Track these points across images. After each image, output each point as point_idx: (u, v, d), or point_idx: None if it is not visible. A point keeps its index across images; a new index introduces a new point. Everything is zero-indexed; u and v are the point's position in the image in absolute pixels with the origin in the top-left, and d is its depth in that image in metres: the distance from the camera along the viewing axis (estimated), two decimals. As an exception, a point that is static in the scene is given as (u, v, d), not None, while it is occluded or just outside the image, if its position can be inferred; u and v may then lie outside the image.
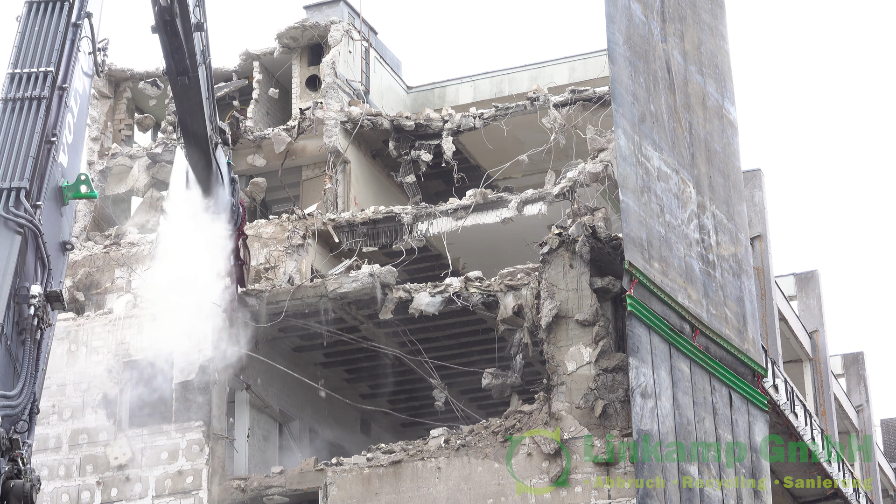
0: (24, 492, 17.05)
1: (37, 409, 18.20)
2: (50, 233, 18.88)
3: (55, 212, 19.32)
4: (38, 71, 19.38)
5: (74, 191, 19.58)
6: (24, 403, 17.82)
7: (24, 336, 17.98)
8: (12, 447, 17.19)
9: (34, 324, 18.08)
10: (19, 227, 18.15)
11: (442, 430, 28.43)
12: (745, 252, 31.50)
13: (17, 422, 17.60)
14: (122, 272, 31.76)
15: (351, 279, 29.56)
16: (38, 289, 18.16)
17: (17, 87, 19.29)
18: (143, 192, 34.61)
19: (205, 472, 28.88)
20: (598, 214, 28.34)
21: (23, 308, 18.00)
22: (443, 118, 33.98)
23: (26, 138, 18.84)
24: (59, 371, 29.74)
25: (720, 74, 32.37)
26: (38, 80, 19.32)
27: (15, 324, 17.88)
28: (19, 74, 19.39)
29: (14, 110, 19.08)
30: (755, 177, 37.84)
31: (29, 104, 19.14)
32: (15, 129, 18.87)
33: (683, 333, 27.73)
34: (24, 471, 17.30)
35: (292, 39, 35.47)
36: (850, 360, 52.05)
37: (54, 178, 19.16)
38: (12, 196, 18.33)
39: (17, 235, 18.09)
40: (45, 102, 19.14)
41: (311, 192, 34.31)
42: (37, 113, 19.05)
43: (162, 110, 36.42)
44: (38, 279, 18.36)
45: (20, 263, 18.03)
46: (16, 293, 17.89)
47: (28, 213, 18.30)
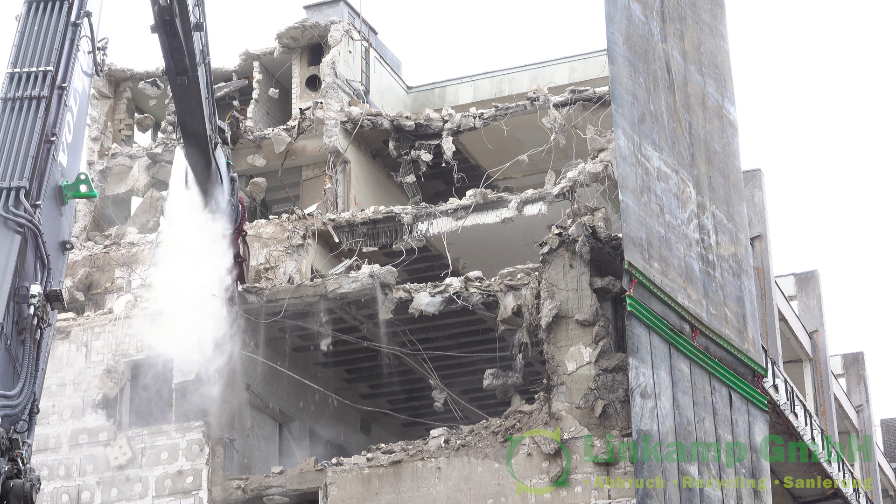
0: (23, 491, 17.04)
1: (37, 409, 18.20)
2: (49, 232, 18.86)
3: (55, 211, 19.31)
4: (37, 70, 19.37)
5: (74, 190, 19.56)
6: (24, 403, 17.82)
7: (23, 336, 17.98)
8: (12, 447, 17.17)
9: (34, 323, 18.07)
10: (19, 226, 18.15)
11: (442, 430, 28.43)
12: (745, 252, 31.50)
13: (17, 421, 17.59)
14: (122, 272, 31.76)
15: (351, 279, 29.56)
16: (38, 288, 18.15)
17: (16, 87, 19.28)
18: (143, 192, 34.61)
19: (205, 472, 28.88)
20: (598, 214, 28.34)
21: (22, 308, 17.99)
22: (443, 118, 33.98)
23: (26, 138, 18.82)
24: (59, 371, 29.75)
25: (720, 74, 32.37)
26: (38, 80, 19.30)
27: (15, 323, 17.87)
28: (19, 74, 19.38)
29: (13, 110, 19.07)
30: (755, 177, 37.84)
31: (28, 103, 19.12)
32: (14, 129, 18.86)
33: (683, 333, 27.73)
34: (24, 470, 17.29)
35: (292, 39, 35.47)
36: (850, 360, 52.04)
37: (54, 177, 19.14)
38: (12, 196, 18.31)
39: (17, 235, 18.08)
40: (45, 102, 19.12)
41: (311, 192, 34.31)
42: (36, 112, 19.03)
43: (162, 110, 36.42)
44: (37, 279, 18.35)
45: (20, 263, 18.02)
46: (15, 293, 17.88)
47: (28, 212, 18.30)
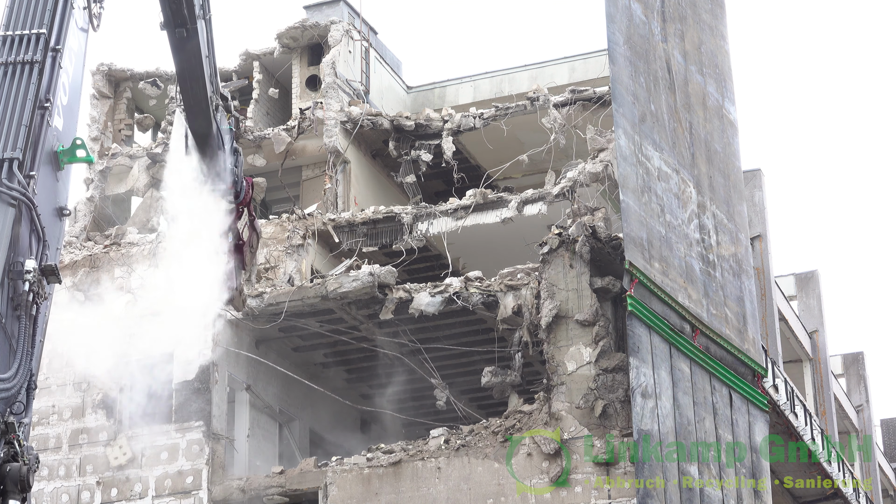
0: (20, 475, 16.84)
1: (34, 385, 17.78)
2: (45, 199, 18.11)
3: (50, 177, 18.52)
4: (30, 33, 18.44)
5: (70, 155, 18.77)
6: (21, 382, 17.43)
7: (19, 312, 17.57)
8: (8, 430, 16.92)
9: (29, 299, 17.65)
10: (12, 199, 17.59)
11: (442, 430, 28.43)
12: (745, 252, 31.49)
13: (13, 403, 17.29)
14: (122, 272, 31.74)
15: (351, 279, 29.55)
16: (33, 263, 17.52)
17: (8, 51, 18.40)
18: (143, 192, 34.60)
19: (205, 472, 28.88)
20: (598, 214, 28.33)
21: (17, 284, 17.52)
22: (443, 118, 33.97)
23: (18, 105, 17.98)
24: (60, 371, 29.75)
25: (720, 74, 32.37)
26: (31, 43, 18.40)
27: (10, 300, 17.48)
28: (10, 37, 18.49)
29: (5, 75, 18.19)
30: (755, 177, 37.83)
31: (21, 69, 18.22)
32: (7, 96, 18.02)
33: (684, 333, 27.73)
34: (21, 452, 17.06)
35: (292, 39, 35.47)
36: (850, 360, 52.03)
37: (49, 142, 18.32)
38: (4, 167, 17.53)
39: (10, 208, 17.48)
40: (38, 66, 18.21)
41: (311, 192, 34.30)
42: (29, 77, 18.15)
43: (162, 110, 36.41)
44: (32, 252, 17.85)
45: (14, 237, 17.52)
46: (10, 268, 17.42)
47: (21, 184, 17.59)
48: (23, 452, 17.04)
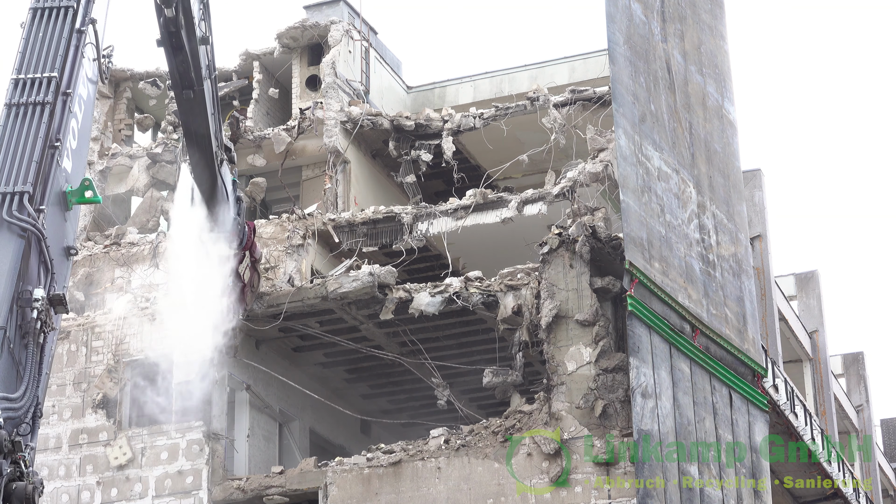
0: (26, 494, 17.09)
1: (40, 413, 18.30)
2: (54, 238, 19.00)
3: (59, 217, 19.45)
4: (41, 76, 19.56)
5: (78, 196, 19.72)
6: (27, 406, 17.91)
7: (27, 339, 18.09)
8: (14, 450, 17.23)
9: (37, 327, 18.20)
10: (22, 230, 18.29)
11: (442, 430, 28.43)
12: (745, 252, 31.50)
13: (20, 424, 17.66)
14: (122, 272, 31.75)
15: (351, 279, 29.54)
16: (41, 292, 18.30)
17: (20, 93, 19.48)
18: (143, 192, 34.60)
19: (205, 472, 28.88)
20: (598, 214, 28.33)
21: (26, 311, 18.13)
22: (443, 118, 33.96)
23: (30, 143, 19.02)
24: (59, 371, 29.74)
25: (720, 74, 32.38)
26: (42, 86, 19.52)
27: (18, 327, 17.98)
28: (23, 80, 19.57)
29: (18, 115, 19.26)
30: (755, 177, 37.84)
31: (33, 109, 19.33)
32: (19, 134, 19.05)
33: (684, 333, 27.73)
34: (27, 473, 17.34)
35: (292, 39, 35.47)
36: (850, 360, 52.04)
37: (58, 183, 19.30)
38: (15, 200, 18.50)
39: (21, 239, 18.22)
40: (49, 107, 19.31)
41: (311, 192, 34.29)
42: (40, 118, 19.21)
43: (162, 110, 36.41)
44: (41, 283, 18.49)
45: (23, 267, 18.16)
46: (19, 296, 18.01)
47: (31, 216, 18.46)
48: (28, 474, 17.38)
